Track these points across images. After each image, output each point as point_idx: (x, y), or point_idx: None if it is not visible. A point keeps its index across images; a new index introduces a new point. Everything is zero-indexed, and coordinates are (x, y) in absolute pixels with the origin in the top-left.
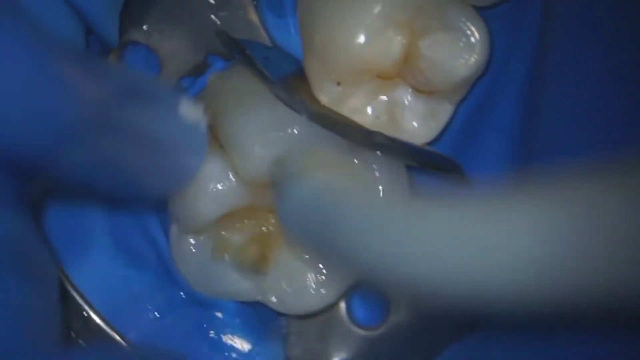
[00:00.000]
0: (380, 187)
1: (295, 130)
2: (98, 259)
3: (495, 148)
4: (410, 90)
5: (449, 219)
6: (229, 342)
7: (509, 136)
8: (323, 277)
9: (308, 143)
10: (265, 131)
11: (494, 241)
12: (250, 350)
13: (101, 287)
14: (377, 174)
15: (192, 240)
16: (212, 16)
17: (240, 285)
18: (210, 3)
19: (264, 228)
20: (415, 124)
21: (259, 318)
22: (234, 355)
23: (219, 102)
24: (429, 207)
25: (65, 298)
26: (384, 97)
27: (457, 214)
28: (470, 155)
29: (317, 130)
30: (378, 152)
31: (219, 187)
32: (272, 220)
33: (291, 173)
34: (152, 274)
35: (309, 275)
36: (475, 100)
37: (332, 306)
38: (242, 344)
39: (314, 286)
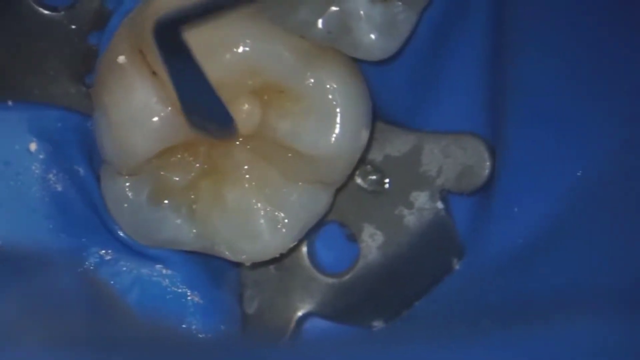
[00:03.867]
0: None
1: (240, 49)
2: (20, 210)
3: (467, 65)
4: None
5: None
6: (174, 297)
7: (482, 50)
8: (282, 214)
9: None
10: (206, 51)
11: None
12: (198, 307)
13: (26, 240)
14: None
15: (126, 182)
16: None
17: (184, 232)
18: None
19: (206, 166)
20: (372, 36)
21: (208, 269)
22: (180, 312)
23: None
24: None
25: None
26: (335, 8)
27: None
28: (437, 75)
29: (265, 48)
30: None
31: (155, 119)
32: (217, 156)
33: None
34: (81, 222)
35: (264, 215)
36: (442, 7)
37: (292, 251)
38: (188, 300)
39: (270, 226)
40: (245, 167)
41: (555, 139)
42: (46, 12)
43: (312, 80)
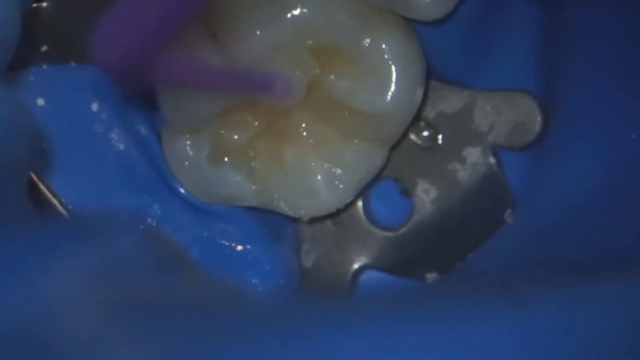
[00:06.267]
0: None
1: (298, 11)
2: (84, 169)
3: (521, 23)
4: None
5: None
6: (234, 252)
7: (536, 8)
8: (339, 170)
9: (311, 26)
10: (264, 13)
11: None
12: (257, 262)
13: (90, 198)
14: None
15: (187, 141)
16: None
17: (244, 189)
18: None
19: (265, 124)
20: None
21: (267, 225)
22: (240, 266)
23: None
24: None
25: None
26: None
27: None
28: (490, 33)
29: (322, 11)
30: None
31: None
32: (276, 115)
33: None
34: (143, 180)
35: (321, 172)
36: None
37: (348, 206)
38: (248, 255)
39: (327, 183)
40: (303, 125)
41: (609, 98)
42: None
43: (368, 41)
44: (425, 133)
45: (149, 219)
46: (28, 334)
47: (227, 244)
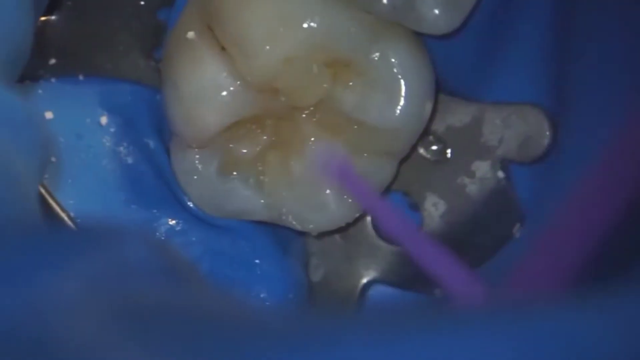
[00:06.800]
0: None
1: (308, 25)
2: (92, 183)
3: (530, 37)
4: None
5: None
6: (243, 266)
7: (545, 22)
8: None
9: (321, 40)
10: (274, 28)
11: None
12: (266, 276)
13: (98, 212)
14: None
15: (196, 155)
16: None
17: (253, 203)
18: None
19: (274, 138)
20: (436, 11)
21: (275, 239)
22: (248, 280)
23: None
24: None
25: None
26: None
27: None
28: (499, 47)
29: (332, 24)
30: None
31: (224, 94)
32: (284, 129)
33: None
34: (152, 193)
35: (330, 185)
36: None
37: (357, 220)
38: (257, 269)
39: (336, 197)
40: (312, 139)
41: (616, 110)
42: None
43: (378, 54)
44: (434, 147)
45: (158, 233)
46: (31, 342)
47: (235, 258)
